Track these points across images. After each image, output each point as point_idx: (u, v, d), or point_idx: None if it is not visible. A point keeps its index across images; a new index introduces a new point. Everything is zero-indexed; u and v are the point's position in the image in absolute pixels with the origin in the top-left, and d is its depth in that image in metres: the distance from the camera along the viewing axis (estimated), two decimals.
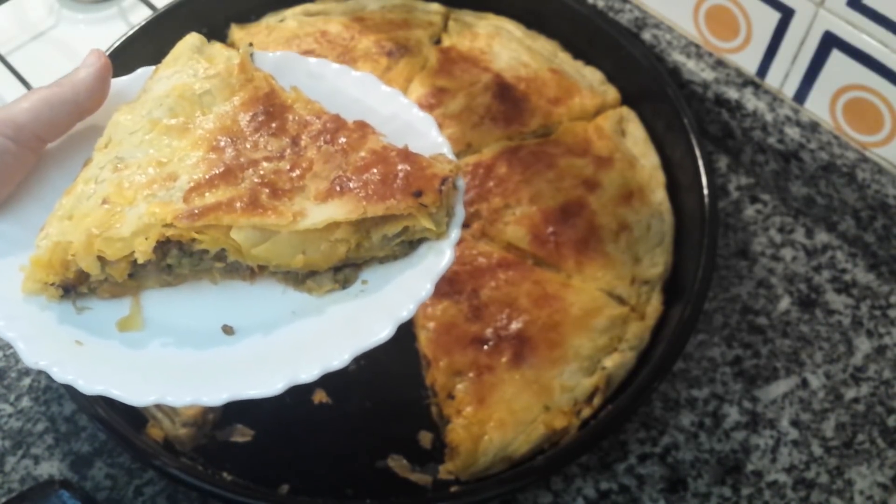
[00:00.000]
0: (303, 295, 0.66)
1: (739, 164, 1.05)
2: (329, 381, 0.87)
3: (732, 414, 0.88)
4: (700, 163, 0.92)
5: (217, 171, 0.63)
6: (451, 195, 0.65)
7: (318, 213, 0.62)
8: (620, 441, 0.86)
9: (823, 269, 0.97)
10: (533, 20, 1.08)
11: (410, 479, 0.83)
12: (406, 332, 0.89)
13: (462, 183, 0.67)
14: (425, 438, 0.85)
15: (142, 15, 1.12)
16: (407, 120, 0.70)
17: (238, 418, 0.86)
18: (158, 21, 1.03)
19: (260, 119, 0.66)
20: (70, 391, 0.82)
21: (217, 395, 0.60)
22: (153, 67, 0.72)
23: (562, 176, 0.94)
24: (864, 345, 0.92)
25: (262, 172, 0.63)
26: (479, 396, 0.82)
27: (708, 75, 1.02)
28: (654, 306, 0.89)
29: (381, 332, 0.62)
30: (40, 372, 0.90)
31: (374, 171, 0.63)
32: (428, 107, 0.99)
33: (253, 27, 1.07)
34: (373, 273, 0.66)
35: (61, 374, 0.60)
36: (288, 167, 0.64)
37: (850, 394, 0.89)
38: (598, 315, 0.86)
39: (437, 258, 0.65)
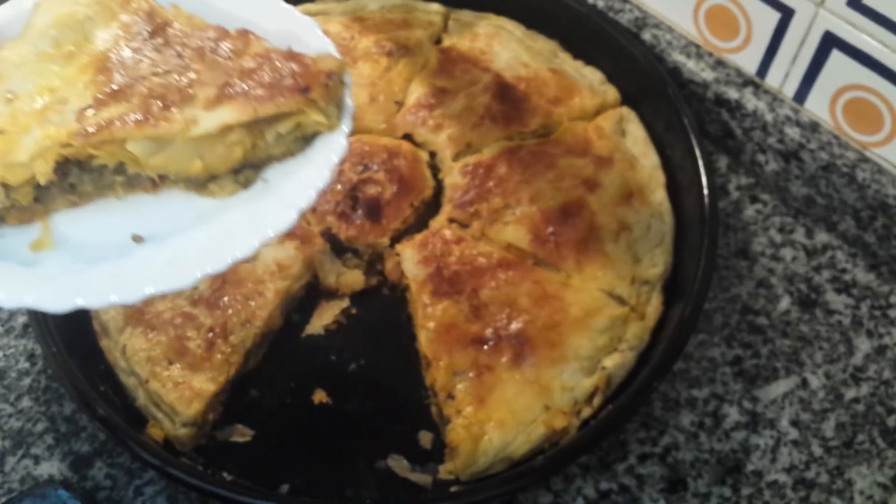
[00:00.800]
0: (207, 199, 0.68)
1: (739, 164, 1.05)
2: (329, 381, 0.88)
3: (732, 414, 0.88)
4: (700, 163, 0.92)
5: (107, 91, 0.65)
6: (338, 89, 0.68)
7: (210, 119, 0.65)
8: (620, 441, 0.86)
9: (823, 269, 0.97)
10: (533, 20, 1.08)
11: (410, 479, 0.83)
12: (406, 332, 0.90)
13: (349, 77, 0.69)
14: (425, 438, 0.85)
15: None
16: (289, 26, 0.72)
17: (238, 418, 0.86)
18: None
19: (143, 37, 0.69)
20: (69, 390, 0.82)
21: (134, 293, 0.62)
22: (34, 3, 0.73)
23: (562, 176, 0.94)
24: (864, 345, 0.92)
25: (150, 87, 0.66)
26: (479, 396, 0.82)
27: (708, 75, 1.02)
28: (654, 306, 0.89)
29: (285, 219, 0.64)
30: (40, 372, 0.90)
31: (261, 73, 0.66)
32: (428, 107, 0.99)
33: None
34: (273, 171, 0.68)
35: None
36: (175, 78, 0.66)
37: (850, 394, 0.89)
38: (598, 315, 0.86)
39: (332, 148, 0.67)
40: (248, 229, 0.65)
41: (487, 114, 0.99)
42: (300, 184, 0.66)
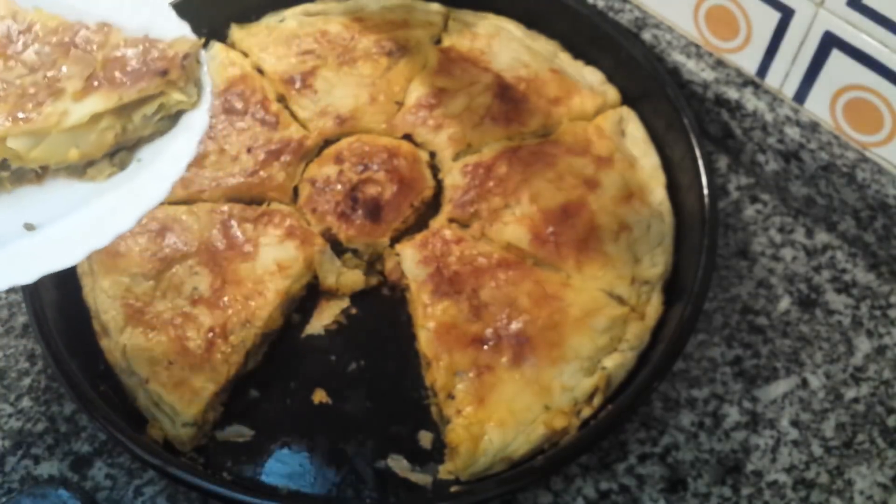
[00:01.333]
0: (89, 184, 0.72)
1: (739, 164, 1.05)
2: (329, 381, 0.88)
3: (732, 414, 0.88)
4: (700, 163, 0.92)
5: None
6: (195, 69, 0.72)
7: (80, 109, 0.69)
8: (620, 441, 0.86)
9: (823, 269, 0.97)
10: (533, 20, 1.08)
11: (410, 479, 0.83)
12: (406, 332, 0.90)
13: (204, 56, 0.74)
14: (425, 438, 0.85)
15: None
16: (145, 15, 0.75)
17: (238, 418, 0.86)
18: None
19: (6, 41, 0.72)
20: (69, 390, 0.82)
21: (29, 273, 0.65)
22: None
23: (562, 176, 0.94)
24: (864, 345, 0.92)
25: (22, 86, 0.70)
26: (479, 396, 0.82)
27: (708, 75, 1.02)
28: (654, 306, 0.89)
29: (160, 192, 0.68)
30: (40, 372, 0.90)
31: (123, 62, 0.71)
32: (428, 107, 0.99)
33: (253, 27, 1.07)
34: (145, 151, 0.73)
35: None
36: (44, 75, 0.71)
37: (850, 394, 0.89)
38: (598, 315, 0.86)
39: (196, 123, 0.72)
40: (128, 205, 0.69)
41: (487, 114, 0.99)
42: (170, 159, 0.71)
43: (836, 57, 0.90)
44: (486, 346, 0.84)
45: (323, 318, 0.91)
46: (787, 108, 0.98)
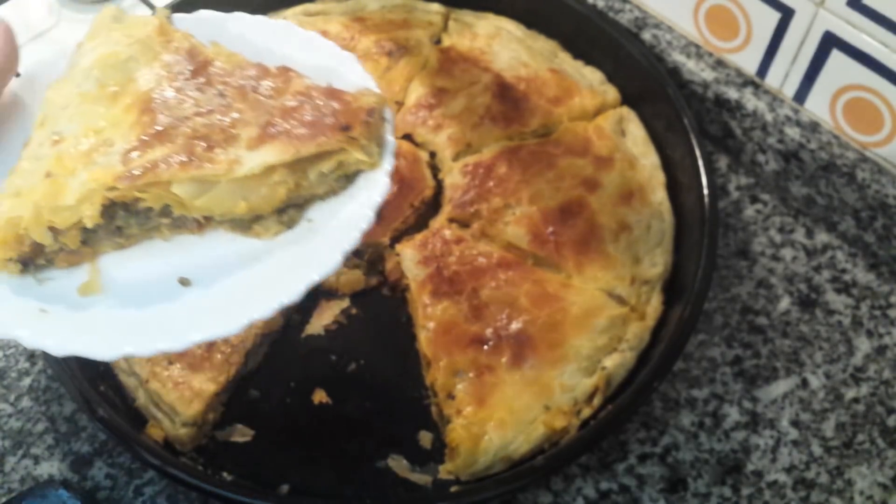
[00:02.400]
0: (251, 240, 0.68)
1: (739, 164, 1.05)
2: (329, 381, 0.88)
3: (732, 414, 0.88)
4: (700, 163, 0.92)
5: (151, 132, 0.65)
6: (379, 126, 0.67)
7: (253, 159, 0.64)
8: (620, 441, 0.86)
9: (823, 269, 0.97)
10: (533, 20, 1.08)
11: (410, 479, 0.83)
12: (406, 332, 0.90)
13: (390, 113, 0.69)
14: (425, 438, 0.85)
15: None
16: (328, 62, 0.72)
17: (238, 418, 0.86)
18: None
19: (185, 76, 0.68)
20: (69, 390, 0.82)
21: (183, 340, 0.62)
22: (77, 43, 0.73)
23: (562, 176, 0.94)
24: (864, 345, 0.92)
25: (193, 127, 0.65)
26: (479, 396, 0.82)
27: (708, 75, 1.02)
28: (654, 306, 0.89)
29: (330, 262, 0.64)
30: (40, 371, 0.90)
31: (302, 111, 0.66)
32: (428, 107, 0.99)
33: None
34: (316, 210, 0.68)
35: (30, 339, 0.62)
36: (218, 119, 0.66)
37: (850, 394, 0.89)
38: (598, 315, 0.86)
39: (375, 187, 0.67)
40: (293, 273, 0.64)
41: (487, 114, 0.99)
42: (344, 224, 0.66)
43: (836, 57, 0.90)
44: (486, 346, 0.84)
45: (323, 318, 0.91)
46: (787, 108, 0.98)
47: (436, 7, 1.09)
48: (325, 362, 0.89)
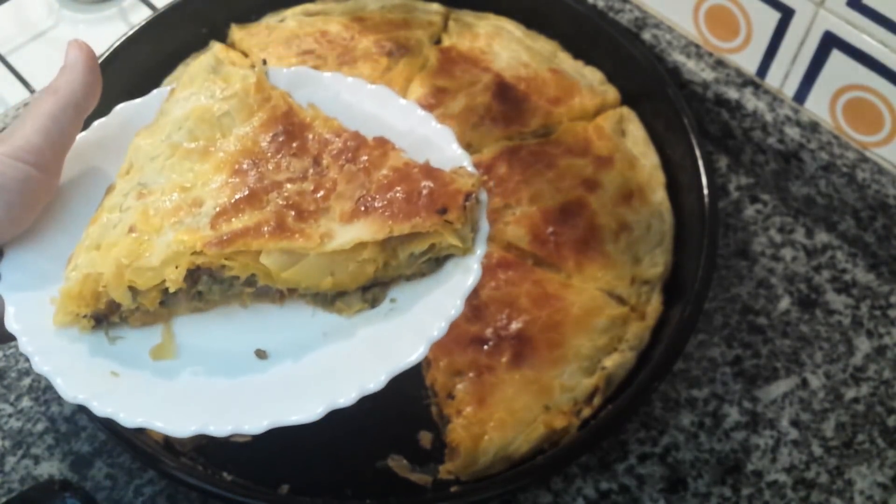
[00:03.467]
0: (332, 316, 0.65)
1: (739, 164, 1.05)
2: None
3: (732, 414, 0.88)
4: (700, 163, 0.92)
5: (242, 195, 0.62)
6: (474, 210, 0.64)
7: (345, 234, 0.61)
8: (620, 441, 0.86)
9: (823, 269, 0.97)
10: (533, 20, 1.08)
11: (410, 479, 0.83)
12: None
13: (485, 196, 0.66)
14: (425, 438, 0.85)
15: (142, 15, 1.12)
16: (425, 133, 0.69)
17: None
18: (158, 21, 1.03)
19: (280, 139, 0.65)
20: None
21: (258, 423, 0.59)
22: (168, 88, 0.71)
23: (562, 176, 0.94)
24: (864, 345, 0.92)
25: (286, 194, 0.63)
26: (479, 396, 0.82)
27: (708, 75, 1.02)
28: (654, 306, 0.89)
29: (415, 352, 0.61)
30: None
31: (398, 188, 0.63)
32: (428, 107, 0.99)
33: (253, 27, 1.07)
34: (401, 291, 0.65)
35: (101, 408, 0.59)
36: (311, 188, 0.64)
37: (850, 394, 0.89)
38: (598, 315, 0.86)
39: (465, 274, 0.64)
40: (377, 359, 0.61)
41: (487, 114, 0.99)
42: (431, 311, 0.63)
43: (836, 57, 0.90)
44: (486, 347, 0.84)
45: None
46: (787, 108, 0.98)
47: (436, 7, 1.09)
48: None
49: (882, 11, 0.84)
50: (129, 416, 0.59)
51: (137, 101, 0.72)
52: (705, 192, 0.90)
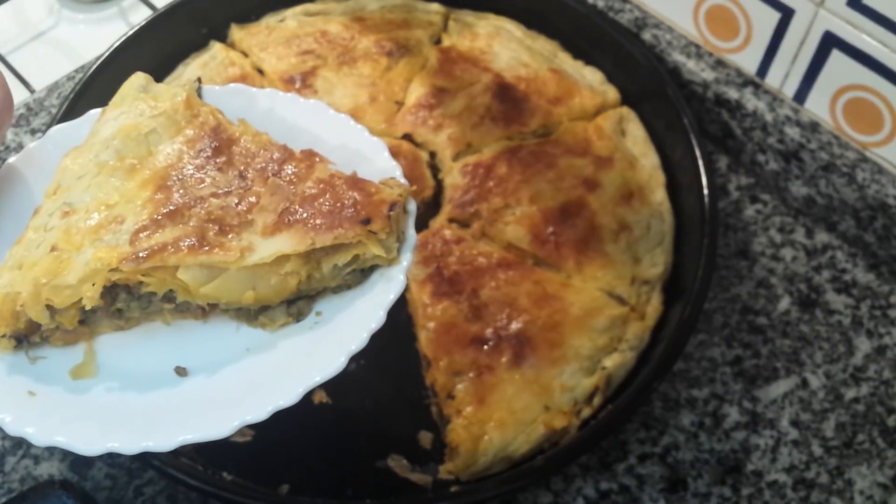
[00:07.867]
0: (257, 331, 0.65)
1: (739, 164, 1.05)
2: (329, 380, 0.88)
3: (732, 414, 0.88)
4: (700, 163, 0.92)
5: (164, 211, 0.62)
6: (400, 220, 0.64)
7: (267, 248, 0.61)
8: (620, 441, 0.86)
9: (823, 269, 0.97)
10: (533, 20, 1.08)
11: (410, 479, 0.83)
12: (406, 332, 0.90)
13: (413, 206, 0.66)
14: (425, 438, 0.85)
15: (142, 15, 1.12)
16: (357, 146, 0.69)
17: None
18: (158, 21, 1.03)
19: (206, 154, 0.65)
20: None
21: (168, 441, 0.59)
22: (101, 110, 0.71)
23: (562, 176, 0.94)
24: (864, 345, 0.92)
25: (209, 209, 0.63)
26: (479, 396, 0.82)
27: (708, 75, 1.02)
28: (654, 306, 0.89)
29: (333, 365, 0.61)
30: None
31: (322, 200, 0.62)
32: (428, 106, 0.99)
33: (253, 27, 1.07)
34: (326, 304, 0.65)
35: (14, 427, 0.60)
36: (235, 202, 0.63)
37: (850, 394, 0.89)
38: (598, 315, 0.86)
39: (390, 285, 0.64)
40: (295, 373, 0.61)
41: (487, 114, 0.99)
42: (353, 323, 0.63)
43: (836, 57, 0.90)
44: (486, 347, 0.84)
45: None
46: (787, 108, 0.98)
47: (436, 7, 1.09)
48: None
49: (882, 11, 0.84)
50: (41, 436, 0.59)
51: (72, 122, 0.72)
52: (705, 192, 0.90)
